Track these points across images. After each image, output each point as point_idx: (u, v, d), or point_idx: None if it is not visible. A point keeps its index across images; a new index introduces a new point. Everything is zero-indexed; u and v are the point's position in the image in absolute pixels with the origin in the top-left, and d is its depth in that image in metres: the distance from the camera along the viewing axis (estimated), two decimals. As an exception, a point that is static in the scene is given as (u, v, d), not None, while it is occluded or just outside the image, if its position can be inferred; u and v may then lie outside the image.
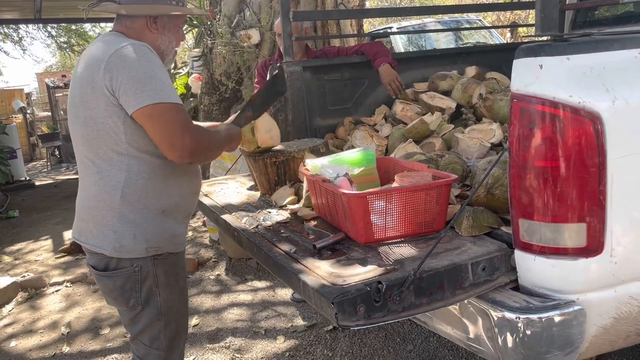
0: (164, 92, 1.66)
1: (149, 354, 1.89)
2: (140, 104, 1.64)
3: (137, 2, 1.82)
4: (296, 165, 2.44)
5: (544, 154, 1.44)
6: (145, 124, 1.67)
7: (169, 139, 1.66)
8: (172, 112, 1.67)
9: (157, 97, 1.64)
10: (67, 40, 18.00)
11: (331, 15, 5.21)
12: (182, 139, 1.66)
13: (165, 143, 1.67)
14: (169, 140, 1.66)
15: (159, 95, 1.65)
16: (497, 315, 1.48)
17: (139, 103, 1.64)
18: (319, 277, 1.52)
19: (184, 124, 1.68)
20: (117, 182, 1.73)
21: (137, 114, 1.65)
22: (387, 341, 3.00)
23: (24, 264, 5.05)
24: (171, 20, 1.89)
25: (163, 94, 1.66)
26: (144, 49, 1.70)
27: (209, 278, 4.20)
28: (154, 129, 1.67)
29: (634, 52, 1.52)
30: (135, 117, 1.67)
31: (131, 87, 1.64)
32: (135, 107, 1.64)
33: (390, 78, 3.20)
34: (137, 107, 1.64)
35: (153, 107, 1.64)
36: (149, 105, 1.64)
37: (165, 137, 1.66)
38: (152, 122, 1.66)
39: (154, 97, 1.64)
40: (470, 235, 1.73)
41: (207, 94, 5.90)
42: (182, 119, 1.68)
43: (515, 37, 10.90)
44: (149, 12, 1.83)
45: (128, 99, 1.64)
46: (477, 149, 2.44)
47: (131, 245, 1.76)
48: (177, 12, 1.88)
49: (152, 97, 1.64)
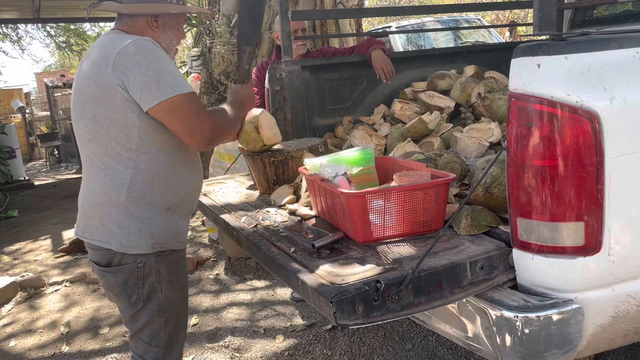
0: (176, 84, 1.72)
1: (149, 351, 1.90)
2: (157, 99, 1.69)
3: (138, 1, 1.84)
4: (295, 164, 2.44)
5: (542, 153, 1.45)
6: (163, 118, 1.73)
7: (188, 130, 1.75)
8: (187, 102, 1.73)
9: (171, 91, 1.70)
10: (66, 40, 17.98)
11: (330, 14, 5.21)
12: (201, 128, 1.76)
13: (185, 134, 1.76)
14: (188, 132, 1.75)
15: (173, 89, 1.70)
16: (495, 314, 1.48)
17: (156, 99, 1.69)
18: (317, 276, 1.52)
19: (199, 113, 1.76)
20: (123, 179, 1.75)
21: (155, 110, 1.71)
22: (386, 340, 3.00)
23: (23, 264, 5.05)
24: (172, 19, 1.91)
25: (176, 86, 1.71)
26: (148, 44, 1.74)
27: (208, 277, 4.21)
28: (174, 123, 1.74)
29: (632, 51, 1.52)
30: (153, 112, 1.71)
31: (145, 84, 1.68)
32: (151, 104, 1.69)
33: (382, 62, 3.20)
34: (154, 103, 1.69)
35: (169, 101, 1.70)
36: (164, 100, 1.69)
37: (184, 129, 1.75)
38: (171, 116, 1.73)
39: (168, 92, 1.69)
40: (469, 234, 1.74)
41: (206, 94, 5.90)
42: (198, 108, 1.77)
43: (514, 36, 10.91)
44: (150, 10, 1.85)
45: (143, 96, 1.69)
46: (475, 148, 2.44)
47: (137, 240, 1.78)
48: (178, 10, 1.90)
49: (166, 92, 1.69)
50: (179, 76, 1.75)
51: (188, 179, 1.89)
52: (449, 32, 8.41)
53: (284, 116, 3.02)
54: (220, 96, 5.81)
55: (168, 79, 1.70)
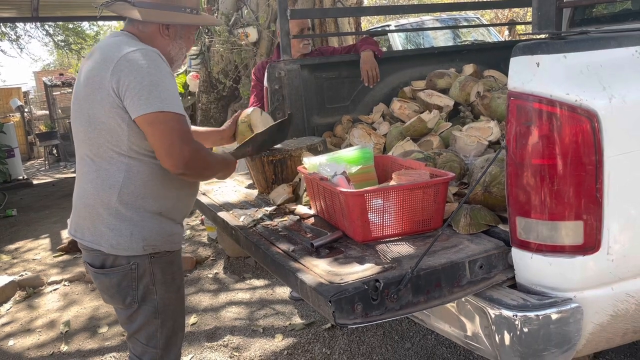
0: (168, 101, 1.67)
1: (146, 352, 1.89)
2: (144, 110, 1.65)
3: (152, 6, 1.81)
4: (294, 163, 2.44)
5: (541, 151, 1.44)
6: (146, 130, 1.68)
7: (167, 147, 1.67)
8: (174, 121, 1.68)
9: (161, 105, 1.66)
10: (65, 39, 17.94)
11: (329, 13, 5.22)
12: (181, 149, 1.68)
13: (162, 150, 1.68)
14: (166, 148, 1.67)
15: (164, 104, 1.66)
16: (494, 313, 1.48)
17: (144, 109, 1.65)
18: (316, 276, 1.52)
19: (183, 135, 1.69)
20: (115, 182, 1.74)
21: (140, 120, 1.67)
22: (385, 339, 3.00)
23: (22, 263, 5.05)
24: (184, 28, 1.89)
25: (167, 103, 1.67)
26: (154, 56, 1.71)
27: (207, 277, 4.20)
28: (154, 136, 1.68)
29: (631, 50, 1.52)
30: (138, 122, 1.68)
31: (137, 92, 1.65)
32: (138, 113, 1.65)
33: (369, 65, 3.20)
34: (141, 113, 1.65)
35: (156, 114, 1.65)
36: (153, 112, 1.65)
37: (164, 145, 1.67)
38: (153, 129, 1.67)
39: (159, 105, 1.65)
40: (468, 233, 1.74)
41: (205, 92, 5.89)
42: (183, 130, 1.70)
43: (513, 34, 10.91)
44: (163, 20, 1.82)
45: (133, 103, 1.66)
46: (474, 146, 2.44)
47: (128, 242, 1.76)
48: (192, 22, 1.87)
49: (156, 105, 1.65)
50: (175, 95, 1.71)
51: (181, 185, 1.85)
52: (448, 30, 8.41)
53: (282, 115, 3.01)
54: (218, 95, 5.81)
55: (162, 93, 1.67)
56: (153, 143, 1.69)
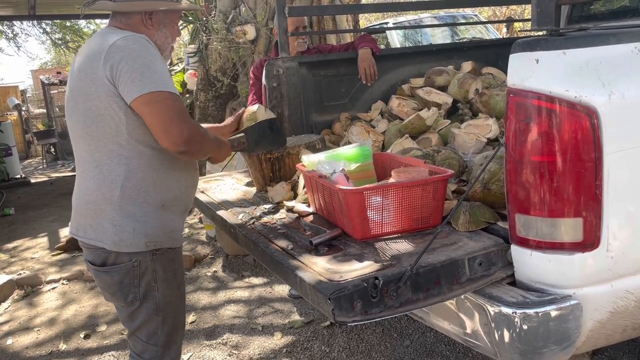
0: (162, 81, 1.69)
1: (147, 350, 1.89)
2: (138, 92, 1.65)
3: None
4: (291, 161, 2.43)
5: (541, 148, 1.44)
6: (143, 111, 1.69)
7: (166, 125, 1.67)
8: (170, 100, 1.69)
9: (155, 85, 1.66)
10: (62, 37, 17.89)
11: (327, 10, 5.21)
12: (179, 127, 1.68)
13: (161, 130, 1.68)
14: (165, 127, 1.67)
15: (157, 84, 1.67)
16: (493, 310, 1.48)
17: (138, 91, 1.65)
18: (315, 273, 1.52)
19: (180, 113, 1.70)
20: (116, 176, 1.74)
21: (136, 103, 1.67)
22: (384, 337, 3.00)
23: (20, 262, 5.03)
24: (167, 16, 1.90)
25: (161, 83, 1.68)
26: (142, 41, 1.72)
27: (206, 275, 4.20)
28: (151, 116, 1.68)
29: (630, 47, 1.52)
30: (134, 106, 1.68)
31: (130, 76, 1.65)
32: (133, 96, 1.66)
33: (366, 63, 3.20)
34: (136, 95, 1.66)
35: (151, 95, 1.66)
36: (147, 93, 1.66)
37: (162, 124, 1.67)
38: (150, 109, 1.67)
39: (152, 86, 1.66)
40: (467, 230, 1.73)
41: (203, 90, 5.88)
42: (180, 108, 1.71)
43: (512, 32, 10.91)
44: (143, 8, 1.84)
45: (127, 87, 1.66)
46: (473, 144, 2.44)
47: (130, 239, 1.76)
48: (169, 7, 1.89)
49: (150, 85, 1.66)
50: (167, 76, 1.72)
51: (182, 175, 1.86)
52: (446, 28, 8.40)
53: (281, 112, 3.01)
54: (216, 93, 5.79)
55: (154, 74, 1.68)
56: (151, 123, 1.69)
